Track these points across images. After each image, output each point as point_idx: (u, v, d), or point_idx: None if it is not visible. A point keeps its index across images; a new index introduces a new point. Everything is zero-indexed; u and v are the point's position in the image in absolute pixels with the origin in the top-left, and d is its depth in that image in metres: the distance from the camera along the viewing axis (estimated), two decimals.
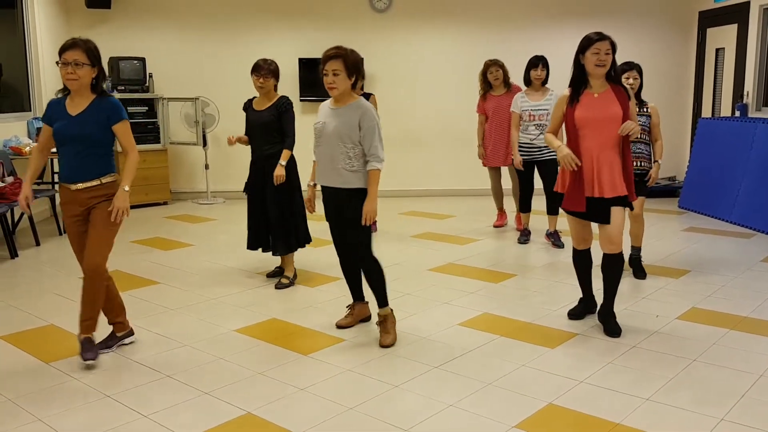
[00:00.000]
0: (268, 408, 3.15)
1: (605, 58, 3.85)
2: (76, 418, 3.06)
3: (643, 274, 5.23)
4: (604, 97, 3.92)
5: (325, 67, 3.81)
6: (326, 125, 3.87)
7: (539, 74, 6.14)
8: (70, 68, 3.46)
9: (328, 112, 3.93)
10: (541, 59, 6.18)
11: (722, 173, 7.57)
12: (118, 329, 3.89)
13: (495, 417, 3.05)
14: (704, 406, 3.15)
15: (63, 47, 3.49)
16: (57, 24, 8.23)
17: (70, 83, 3.51)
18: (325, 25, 8.92)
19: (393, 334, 3.96)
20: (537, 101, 6.15)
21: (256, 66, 4.93)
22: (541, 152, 6.17)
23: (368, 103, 3.89)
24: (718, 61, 8.78)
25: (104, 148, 3.62)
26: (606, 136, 3.89)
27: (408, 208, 8.37)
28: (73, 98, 3.59)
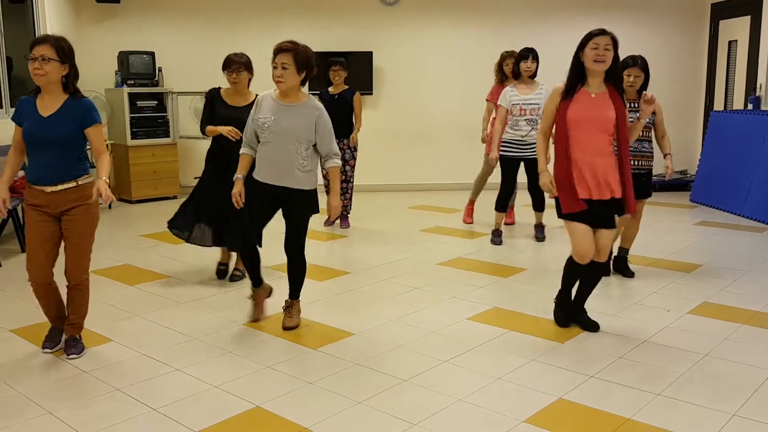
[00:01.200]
0: (277, 402, 3.15)
1: (604, 53, 3.68)
2: (86, 411, 3.06)
3: (630, 273, 5.10)
4: (600, 98, 3.77)
5: (275, 60, 3.76)
6: (278, 122, 3.78)
7: (529, 66, 5.92)
8: (37, 63, 3.34)
9: (276, 108, 3.81)
10: (532, 51, 5.96)
11: (734, 167, 7.50)
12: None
13: (504, 412, 3.04)
14: (716, 401, 3.13)
15: (33, 42, 3.39)
16: (67, 19, 8.24)
17: (37, 79, 3.38)
18: (335, 19, 8.89)
19: (297, 319, 4.11)
20: (527, 95, 5.95)
21: (227, 61, 4.72)
22: (532, 149, 5.95)
23: (319, 103, 3.91)
24: (731, 54, 8.69)
25: (79, 150, 3.52)
26: (598, 138, 3.76)
27: (416, 202, 8.35)
28: (43, 97, 3.45)
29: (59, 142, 3.43)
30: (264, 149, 3.85)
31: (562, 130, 3.79)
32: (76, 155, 3.50)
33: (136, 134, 8.30)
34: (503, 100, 6.02)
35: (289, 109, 3.81)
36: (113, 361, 3.61)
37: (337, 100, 6.56)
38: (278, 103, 3.84)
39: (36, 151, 3.46)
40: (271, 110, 3.83)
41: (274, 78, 3.76)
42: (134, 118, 8.28)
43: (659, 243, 6.13)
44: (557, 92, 3.84)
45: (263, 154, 3.85)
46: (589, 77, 3.78)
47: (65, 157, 3.47)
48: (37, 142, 3.42)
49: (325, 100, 6.50)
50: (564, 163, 3.77)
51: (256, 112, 3.87)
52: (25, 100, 3.50)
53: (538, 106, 5.91)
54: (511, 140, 6.01)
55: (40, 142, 3.42)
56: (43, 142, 3.42)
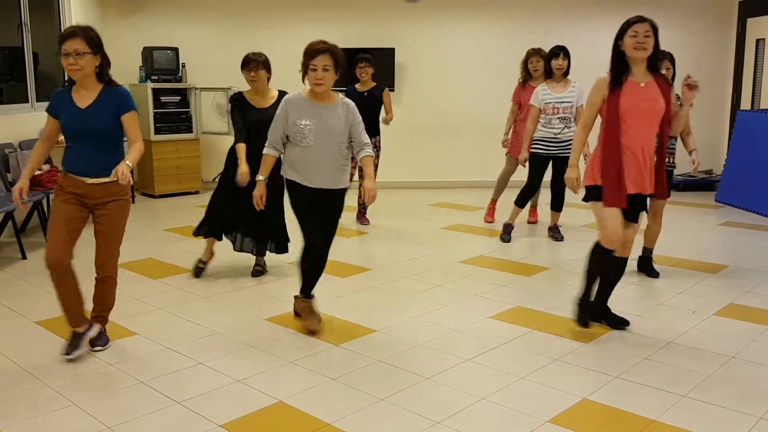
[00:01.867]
0: (300, 397, 3.15)
1: (644, 40, 3.61)
2: (110, 403, 3.09)
3: (655, 273, 5.04)
4: (650, 87, 3.68)
5: (314, 62, 3.64)
6: (319, 126, 3.70)
7: (560, 64, 5.86)
8: (71, 59, 3.29)
9: (313, 111, 3.72)
10: (563, 49, 5.90)
11: (761, 166, 7.39)
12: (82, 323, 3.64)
13: (528, 411, 3.02)
14: (743, 404, 3.08)
15: (62, 37, 3.32)
16: (92, 14, 8.32)
17: (73, 74, 3.34)
18: (356, 16, 8.89)
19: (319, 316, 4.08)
20: (560, 93, 5.89)
21: (246, 60, 4.73)
22: (565, 147, 5.93)
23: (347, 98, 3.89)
24: (759, 52, 8.56)
25: (118, 141, 3.50)
26: (649, 129, 3.68)
27: (438, 199, 8.33)
28: (78, 90, 3.42)
29: (99, 134, 3.40)
30: (306, 153, 3.72)
31: (614, 122, 3.67)
32: (115, 147, 3.48)
33: (160, 129, 8.36)
34: (535, 100, 5.97)
35: (327, 111, 3.74)
36: (137, 354, 3.64)
37: (367, 96, 6.53)
38: (314, 105, 3.74)
39: (76, 144, 3.44)
40: (308, 114, 3.71)
41: (312, 80, 3.66)
42: (158, 114, 8.33)
43: (684, 243, 6.05)
44: (604, 83, 3.71)
45: (307, 160, 3.73)
46: (632, 66, 3.69)
47: (106, 150, 3.44)
48: (78, 134, 3.40)
49: (353, 97, 6.47)
50: (615, 155, 3.66)
51: (288, 115, 3.74)
52: (61, 92, 3.47)
53: (571, 104, 5.89)
54: (543, 138, 5.97)
55: (80, 134, 3.40)
56: (83, 134, 3.40)
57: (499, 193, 6.99)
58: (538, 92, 5.97)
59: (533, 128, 5.98)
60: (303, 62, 3.72)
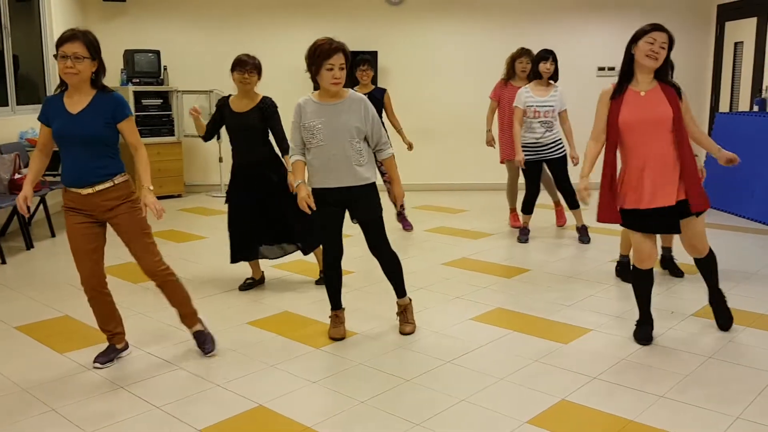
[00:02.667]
0: (280, 401, 3.15)
1: (659, 51, 3.52)
2: (89, 409, 3.07)
3: (680, 272, 5.07)
4: (651, 96, 3.59)
5: (330, 61, 3.59)
6: (328, 123, 3.67)
7: (548, 68, 5.90)
8: (69, 62, 3.20)
9: (322, 110, 3.69)
10: (551, 53, 5.95)
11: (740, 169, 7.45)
12: (118, 341, 3.65)
13: (507, 412, 3.03)
14: (720, 403, 3.11)
15: (61, 39, 3.23)
16: (73, 17, 8.27)
17: (68, 78, 3.25)
18: (340, 18, 8.90)
19: (413, 323, 4.02)
20: (542, 97, 5.93)
21: (239, 61, 4.58)
22: (550, 150, 6.01)
23: (360, 93, 3.84)
24: (737, 55, 8.67)
25: (112, 147, 3.39)
26: (657, 139, 3.56)
27: (421, 202, 8.35)
28: (71, 95, 3.32)
29: (91, 140, 3.30)
30: (318, 153, 3.70)
31: (613, 134, 3.62)
32: (109, 153, 3.37)
33: (141, 132, 8.20)
34: (518, 101, 5.99)
35: (336, 108, 3.70)
36: (117, 359, 3.61)
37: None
38: (323, 105, 3.71)
39: (68, 151, 3.33)
40: (316, 114, 3.69)
41: (331, 80, 3.61)
42: (139, 117, 8.30)
43: None
44: (606, 95, 3.68)
45: (319, 160, 3.70)
46: (638, 73, 3.62)
47: (98, 156, 3.33)
48: (68, 140, 3.31)
49: None
50: (607, 171, 3.65)
51: (301, 118, 3.73)
52: (52, 98, 3.37)
53: (552, 108, 5.93)
54: (527, 144, 6.01)
55: (71, 141, 3.30)
56: (74, 141, 3.29)
57: (513, 202, 6.95)
58: (521, 94, 5.99)
59: (519, 129, 6.01)
60: (315, 62, 3.63)
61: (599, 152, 3.81)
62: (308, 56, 3.69)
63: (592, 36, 9.08)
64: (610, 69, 9.14)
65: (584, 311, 4.36)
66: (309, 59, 3.69)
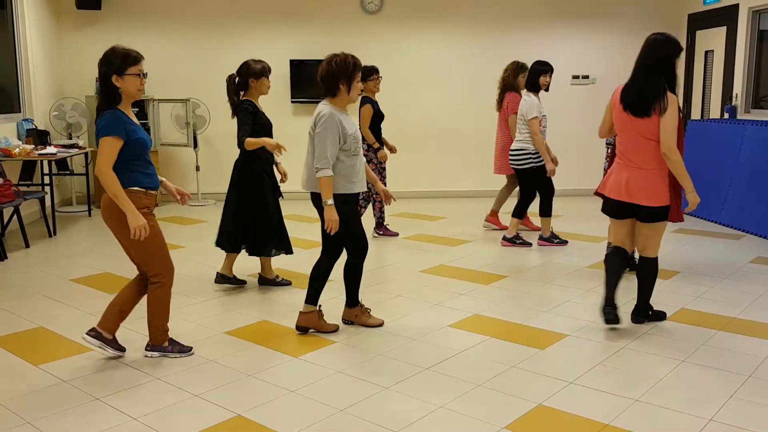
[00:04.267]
0: (259, 410, 3.14)
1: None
2: (65, 421, 3.04)
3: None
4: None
5: (360, 74, 4.00)
6: (357, 132, 3.97)
7: (548, 80, 6.18)
8: (144, 79, 3.56)
9: (349, 120, 3.97)
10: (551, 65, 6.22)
11: (711, 175, 7.61)
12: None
13: (485, 418, 3.06)
14: (693, 406, 3.17)
15: (135, 58, 3.52)
16: (47, 25, 8.20)
17: (140, 94, 3.58)
18: (316, 27, 8.92)
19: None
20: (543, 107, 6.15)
21: (267, 68, 4.82)
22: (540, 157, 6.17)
23: None
24: (707, 64, 8.83)
25: None
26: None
27: (399, 209, 8.37)
28: (125, 110, 3.56)
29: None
30: (354, 161, 3.93)
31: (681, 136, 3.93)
32: None
33: None
34: (537, 110, 6.04)
35: (352, 118, 4.05)
36: (93, 371, 3.59)
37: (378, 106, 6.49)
38: (347, 115, 3.98)
39: (148, 159, 3.59)
40: (349, 123, 3.93)
41: (358, 92, 3.97)
42: None
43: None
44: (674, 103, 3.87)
45: (355, 166, 3.94)
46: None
47: None
48: (149, 148, 3.59)
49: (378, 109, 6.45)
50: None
51: (343, 128, 3.86)
52: (120, 113, 3.50)
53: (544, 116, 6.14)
54: (536, 151, 6.12)
55: (150, 149, 3.61)
56: (149, 149, 3.60)
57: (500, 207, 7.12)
58: (538, 104, 6.08)
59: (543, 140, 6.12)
60: (352, 75, 3.90)
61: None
62: (340, 69, 3.88)
63: (566, 45, 9.19)
64: (585, 77, 9.27)
65: (561, 317, 4.41)
66: (341, 72, 3.88)
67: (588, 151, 9.20)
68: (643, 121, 3.88)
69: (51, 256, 6.02)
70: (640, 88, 3.90)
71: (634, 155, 3.96)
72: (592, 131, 8.90)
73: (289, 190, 8.07)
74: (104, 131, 3.42)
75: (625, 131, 3.99)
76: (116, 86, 3.47)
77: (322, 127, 3.82)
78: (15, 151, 6.61)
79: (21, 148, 6.68)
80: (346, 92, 3.92)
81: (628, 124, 3.95)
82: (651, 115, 3.84)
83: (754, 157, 7.00)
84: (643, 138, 3.90)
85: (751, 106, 7.94)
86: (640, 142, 3.92)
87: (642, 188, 3.95)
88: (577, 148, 9.28)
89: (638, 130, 3.91)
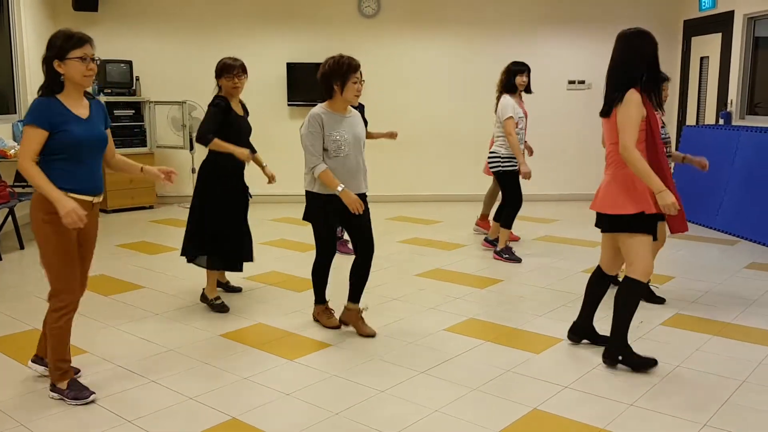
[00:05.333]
0: (253, 413, 3.14)
1: None
2: (60, 423, 3.03)
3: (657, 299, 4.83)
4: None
5: (357, 74, 3.93)
6: (351, 135, 3.96)
7: (525, 80, 5.96)
8: (92, 64, 3.14)
9: (341, 121, 3.97)
10: (527, 66, 6.02)
11: (706, 180, 7.64)
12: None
13: (480, 422, 3.06)
14: (687, 411, 3.18)
15: (81, 40, 3.15)
16: (44, 27, 8.18)
17: (87, 81, 3.16)
18: (313, 30, 8.93)
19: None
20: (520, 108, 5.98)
21: (227, 66, 4.45)
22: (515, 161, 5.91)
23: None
24: (703, 70, 8.87)
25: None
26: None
27: (395, 213, 8.38)
28: (71, 99, 3.15)
29: (102, 145, 3.26)
30: (344, 162, 3.95)
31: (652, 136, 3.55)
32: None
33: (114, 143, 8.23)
34: (512, 110, 5.85)
35: (351, 120, 4.04)
36: (88, 373, 3.57)
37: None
38: (340, 116, 3.99)
39: (82, 158, 3.16)
40: (338, 125, 3.95)
41: (355, 92, 3.93)
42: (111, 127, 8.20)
43: None
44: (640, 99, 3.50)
45: (346, 168, 3.96)
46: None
47: (101, 163, 3.33)
48: (85, 146, 3.15)
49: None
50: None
51: (324, 129, 3.90)
52: (50, 102, 3.10)
53: (522, 118, 5.97)
54: (507, 155, 5.90)
55: (88, 147, 3.17)
56: (91, 146, 3.19)
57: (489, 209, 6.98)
58: (513, 105, 5.88)
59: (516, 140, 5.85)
60: (344, 75, 3.88)
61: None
62: (333, 71, 3.91)
63: (562, 49, 9.22)
64: (581, 82, 9.29)
65: (555, 321, 4.41)
66: (334, 73, 3.90)
67: (583, 155, 9.22)
68: (606, 122, 3.60)
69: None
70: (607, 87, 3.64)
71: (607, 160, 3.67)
72: (588, 136, 8.94)
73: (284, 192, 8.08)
74: (26, 119, 3.07)
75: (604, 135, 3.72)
76: (59, 72, 3.09)
77: (304, 129, 3.96)
78: (10, 153, 6.60)
79: (16, 149, 6.67)
80: (340, 93, 3.93)
81: (604, 126, 3.67)
82: (610, 115, 3.55)
83: (749, 163, 7.03)
84: (609, 141, 3.62)
85: (746, 112, 7.98)
86: (609, 146, 3.64)
87: (601, 195, 3.64)
88: (573, 152, 9.30)
89: (606, 134, 3.63)
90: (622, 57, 3.69)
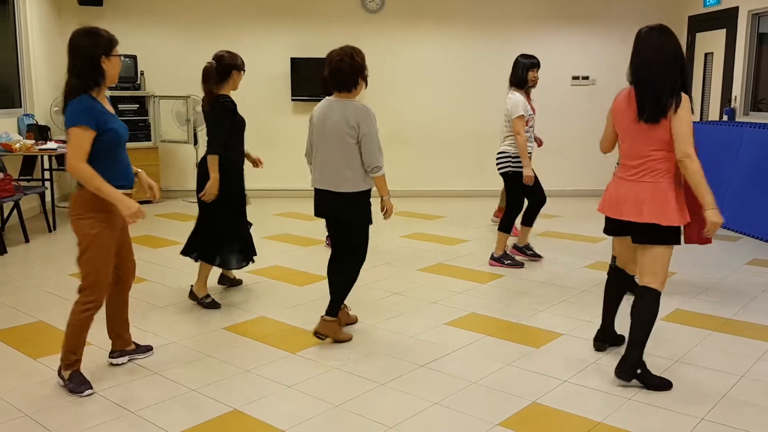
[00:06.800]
0: (255, 405, 3.17)
1: None
2: (63, 414, 3.07)
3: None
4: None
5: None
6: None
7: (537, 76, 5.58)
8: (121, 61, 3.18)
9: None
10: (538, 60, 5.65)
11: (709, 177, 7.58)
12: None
13: (479, 415, 3.09)
14: (686, 405, 3.20)
15: (114, 40, 3.19)
16: (49, 21, 8.22)
17: (117, 78, 3.25)
18: (317, 26, 8.94)
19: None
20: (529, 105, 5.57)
21: (242, 61, 4.55)
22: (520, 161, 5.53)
23: None
24: (707, 66, 8.85)
25: None
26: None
27: (397, 208, 8.40)
28: (99, 96, 3.19)
29: (127, 139, 3.37)
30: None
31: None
32: None
33: None
34: (523, 108, 5.43)
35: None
36: (90, 364, 3.60)
37: None
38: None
39: (120, 153, 3.25)
40: None
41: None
42: None
43: None
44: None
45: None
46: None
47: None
48: (123, 141, 3.27)
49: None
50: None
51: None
52: (93, 101, 3.14)
53: (532, 116, 5.56)
54: (516, 154, 5.47)
55: (124, 142, 3.28)
56: (125, 141, 3.30)
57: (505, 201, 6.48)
58: (523, 102, 5.48)
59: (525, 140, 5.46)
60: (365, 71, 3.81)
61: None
62: (364, 63, 3.80)
63: (566, 46, 9.22)
64: (584, 78, 9.28)
65: (556, 316, 4.43)
66: (364, 66, 3.81)
67: (587, 152, 9.21)
68: (649, 127, 3.30)
69: (51, 251, 6.05)
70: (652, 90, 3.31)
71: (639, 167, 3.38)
72: (592, 132, 8.92)
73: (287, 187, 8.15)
74: (74, 121, 3.06)
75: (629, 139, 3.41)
76: (103, 68, 3.13)
77: (370, 126, 3.72)
78: (15, 146, 6.63)
79: (21, 143, 6.70)
80: (364, 86, 3.84)
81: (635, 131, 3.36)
82: (660, 121, 3.26)
83: (753, 160, 7.03)
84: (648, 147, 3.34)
85: (750, 108, 7.97)
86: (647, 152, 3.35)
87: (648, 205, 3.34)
88: (577, 149, 9.30)
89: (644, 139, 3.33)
90: (672, 56, 3.36)
